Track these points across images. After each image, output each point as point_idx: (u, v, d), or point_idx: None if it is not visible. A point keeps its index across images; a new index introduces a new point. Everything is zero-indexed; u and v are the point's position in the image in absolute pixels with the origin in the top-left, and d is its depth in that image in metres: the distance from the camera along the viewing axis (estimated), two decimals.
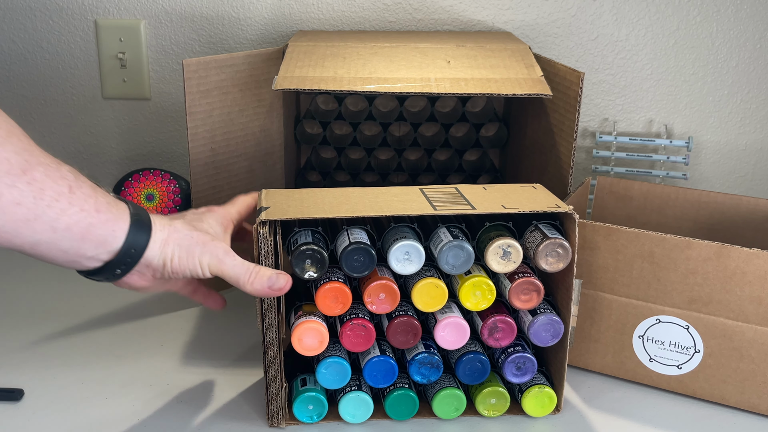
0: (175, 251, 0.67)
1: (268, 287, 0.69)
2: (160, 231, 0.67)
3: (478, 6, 1.18)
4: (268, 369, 0.73)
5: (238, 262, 0.69)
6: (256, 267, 0.69)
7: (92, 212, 0.61)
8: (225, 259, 0.68)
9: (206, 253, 0.68)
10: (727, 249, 0.74)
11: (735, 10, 1.18)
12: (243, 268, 0.68)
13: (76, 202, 0.60)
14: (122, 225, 0.64)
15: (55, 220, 0.59)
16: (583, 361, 0.86)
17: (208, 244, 0.68)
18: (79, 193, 0.61)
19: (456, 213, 0.71)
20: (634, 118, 1.24)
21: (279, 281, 0.69)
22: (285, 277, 0.69)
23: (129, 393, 0.80)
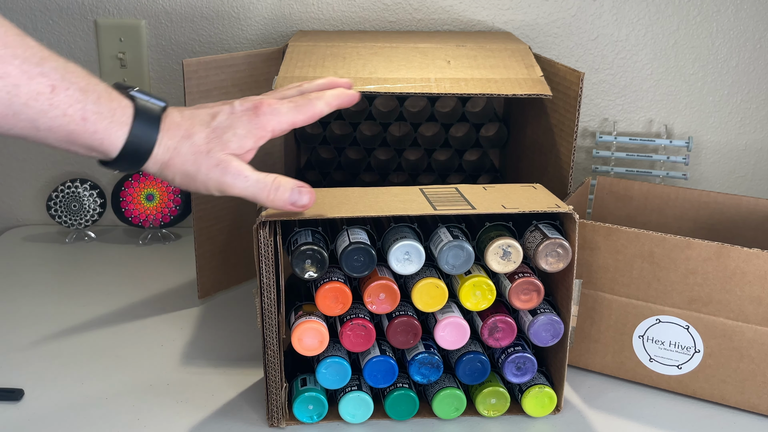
0: (175, 175, 0.63)
1: (291, 204, 0.65)
2: (162, 153, 0.62)
3: (478, 6, 1.18)
4: (268, 369, 0.73)
5: (251, 182, 0.63)
6: (275, 181, 0.64)
7: (78, 120, 0.57)
8: (235, 183, 0.63)
9: (212, 179, 0.63)
10: (727, 249, 0.74)
11: (735, 10, 1.18)
12: (258, 186, 0.63)
13: (59, 104, 0.56)
14: (113, 141, 0.59)
15: (35, 120, 0.56)
16: (583, 361, 0.86)
17: (212, 170, 0.62)
18: (63, 96, 0.56)
19: (456, 213, 0.71)
20: (634, 118, 1.24)
21: (302, 198, 0.65)
22: (308, 194, 0.65)
23: (129, 393, 0.80)
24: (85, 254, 1.16)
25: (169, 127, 0.63)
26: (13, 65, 0.54)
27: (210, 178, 0.63)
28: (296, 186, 0.65)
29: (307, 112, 0.66)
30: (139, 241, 1.21)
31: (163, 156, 0.62)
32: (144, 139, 0.61)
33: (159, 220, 1.20)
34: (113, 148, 0.60)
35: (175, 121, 0.63)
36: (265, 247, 0.69)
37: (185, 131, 0.63)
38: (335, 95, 0.68)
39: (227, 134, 0.63)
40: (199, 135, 0.63)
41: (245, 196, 0.64)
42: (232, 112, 0.65)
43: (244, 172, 0.63)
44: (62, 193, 1.20)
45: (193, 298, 1.02)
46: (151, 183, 1.20)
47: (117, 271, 1.11)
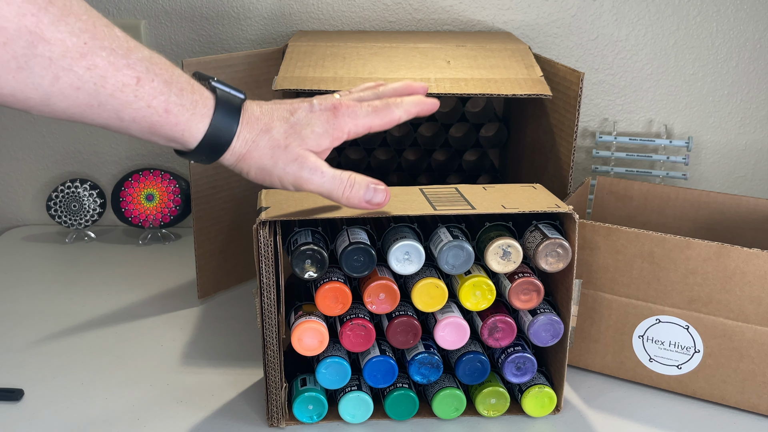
0: (251, 168, 0.63)
1: (366, 202, 0.65)
2: (241, 145, 0.62)
3: (478, 6, 1.18)
4: (268, 369, 0.73)
5: (327, 178, 0.64)
6: (350, 178, 0.64)
7: (161, 111, 0.58)
8: (312, 178, 0.63)
9: (288, 174, 0.63)
10: (727, 249, 0.74)
11: (735, 10, 1.18)
12: (335, 183, 0.64)
13: (143, 96, 0.57)
14: (193, 133, 0.60)
15: (120, 110, 0.56)
16: (583, 361, 0.86)
17: (290, 164, 0.63)
18: (148, 88, 0.57)
19: (456, 213, 0.71)
20: (634, 118, 1.24)
21: (377, 196, 0.65)
22: (383, 192, 0.65)
23: (129, 393, 0.80)
24: (85, 254, 1.16)
25: (249, 120, 0.63)
26: (100, 56, 0.54)
27: (287, 172, 0.63)
28: (372, 183, 0.65)
29: (384, 118, 0.67)
30: (139, 241, 1.21)
31: (241, 148, 0.63)
32: (224, 130, 0.62)
33: (159, 220, 1.20)
34: (193, 140, 0.61)
35: (254, 114, 0.64)
36: (265, 247, 0.69)
37: (264, 125, 0.63)
38: (414, 102, 0.68)
39: (305, 130, 0.64)
40: (278, 129, 0.63)
41: (320, 192, 0.65)
42: (311, 110, 0.65)
43: (321, 167, 0.64)
44: (62, 193, 1.20)
45: (193, 298, 1.02)
46: (151, 183, 1.20)
47: (117, 271, 1.11)
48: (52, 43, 0.52)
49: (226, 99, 0.62)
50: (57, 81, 0.53)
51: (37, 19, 0.51)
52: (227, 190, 1.01)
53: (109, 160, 1.26)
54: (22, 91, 0.53)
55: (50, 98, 0.54)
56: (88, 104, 0.55)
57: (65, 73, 0.53)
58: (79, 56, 0.53)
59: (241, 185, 1.03)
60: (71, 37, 0.53)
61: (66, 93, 0.54)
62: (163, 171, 1.21)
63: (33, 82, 0.52)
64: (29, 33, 0.51)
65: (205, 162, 0.63)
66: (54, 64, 0.52)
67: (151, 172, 1.21)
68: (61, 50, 0.52)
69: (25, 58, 0.51)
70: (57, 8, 0.52)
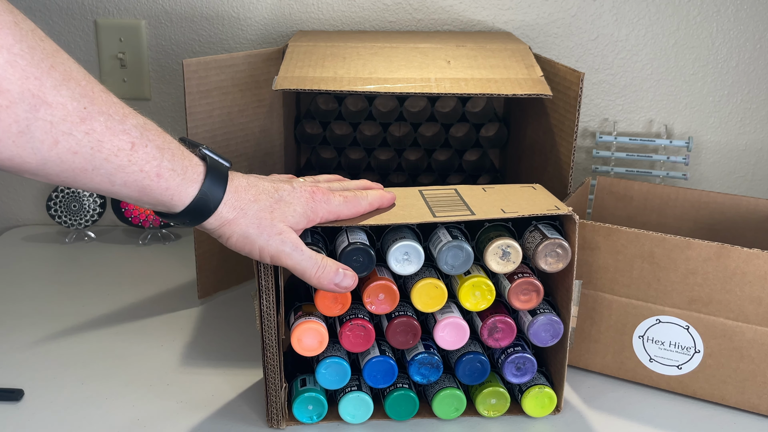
0: (233, 233, 0.65)
1: (335, 284, 0.68)
2: (228, 211, 0.64)
3: (478, 6, 1.18)
4: (268, 369, 0.73)
5: (305, 257, 0.66)
6: (323, 261, 0.67)
7: (152, 176, 0.59)
8: (292, 254, 0.66)
9: (271, 246, 0.65)
10: (727, 249, 0.74)
11: (735, 10, 1.18)
12: (310, 263, 0.67)
13: (137, 161, 0.58)
14: (182, 197, 0.62)
15: (112, 174, 0.57)
16: (583, 361, 0.85)
17: (274, 237, 0.65)
18: (142, 153, 0.58)
19: (455, 220, 0.71)
20: (634, 118, 1.24)
21: (346, 281, 0.68)
22: (352, 278, 0.68)
23: (129, 393, 0.80)
24: (85, 254, 1.16)
25: (236, 189, 0.65)
26: (99, 121, 0.55)
27: (270, 244, 0.65)
28: (341, 268, 0.68)
29: (352, 208, 0.70)
30: (139, 241, 1.21)
31: (228, 214, 0.65)
32: (212, 196, 0.63)
33: (159, 220, 1.20)
34: (181, 204, 0.62)
35: (241, 184, 0.66)
36: None
37: (253, 196, 0.66)
38: (378, 196, 0.72)
39: (288, 209, 0.67)
40: (265, 203, 0.66)
41: (295, 269, 0.67)
42: (293, 191, 0.68)
43: (301, 246, 0.67)
44: (62, 193, 1.20)
45: (193, 298, 1.02)
46: None
47: (117, 271, 1.11)
48: (53, 107, 0.53)
49: (215, 166, 0.64)
50: (56, 145, 0.54)
51: (40, 83, 0.52)
52: None
53: None
54: (20, 156, 0.53)
55: (47, 163, 0.54)
56: (83, 168, 0.56)
57: (64, 138, 0.54)
58: (79, 120, 0.54)
59: None
60: (72, 101, 0.54)
61: (63, 158, 0.54)
62: None
63: (33, 146, 0.53)
64: (32, 96, 0.51)
65: (188, 225, 0.65)
66: (54, 129, 0.53)
67: None
68: (62, 114, 0.53)
69: (26, 121, 0.52)
70: (59, 73, 0.53)
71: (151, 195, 0.60)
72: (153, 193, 0.60)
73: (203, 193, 0.63)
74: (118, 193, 0.60)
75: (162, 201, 0.61)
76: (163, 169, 0.60)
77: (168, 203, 0.62)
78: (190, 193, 0.62)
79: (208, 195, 0.63)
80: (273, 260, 0.67)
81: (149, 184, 0.59)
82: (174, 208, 0.63)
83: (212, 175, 0.63)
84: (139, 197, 0.60)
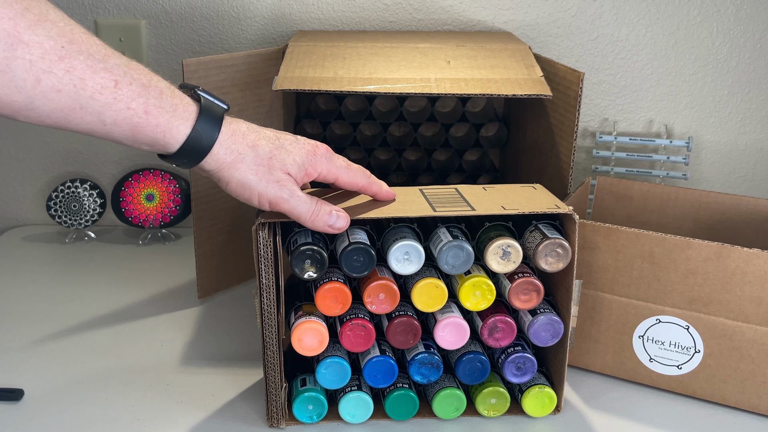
0: (232, 178, 0.66)
1: (329, 225, 0.69)
2: (225, 154, 0.65)
3: (478, 6, 1.18)
4: (268, 369, 0.73)
5: (301, 201, 0.67)
6: (317, 205, 0.68)
7: (140, 113, 0.60)
8: (290, 200, 0.67)
9: (269, 192, 0.66)
10: (727, 249, 0.74)
11: (735, 10, 1.18)
12: (306, 206, 0.68)
13: (122, 98, 0.59)
14: (174, 135, 0.62)
15: (101, 113, 0.59)
16: (583, 361, 0.86)
17: (272, 184, 0.66)
18: (126, 90, 0.59)
19: (455, 214, 0.71)
20: (634, 118, 1.24)
21: (339, 222, 0.69)
22: (345, 219, 0.69)
23: (129, 393, 0.80)
24: (85, 254, 1.16)
25: (234, 132, 0.66)
26: (78, 60, 0.57)
27: (268, 190, 0.67)
28: (334, 210, 0.69)
29: (352, 176, 0.72)
30: (139, 241, 1.21)
31: (225, 157, 0.65)
32: (205, 136, 0.64)
33: (159, 220, 1.20)
34: (175, 142, 0.63)
35: (240, 129, 0.67)
36: (265, 247, 0.69)
37: (252, 141, 0.67)
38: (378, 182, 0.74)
39: (288, 157, 0.68)
40: (264, 149, 0.67)
41: (292, 214, 0.68)
42: (296, 141, 0.69)
43: (297, 192, 0.68)
44: (62, 193, 1.20)
45: (193, 298, 1.02)
46: (151, 183, 1.20)
47: (117, 271, 1.11)
48: (30, 45, 0.55)
49: (208, 106, 0.65)
50: (38, 83, 0.56)
51: (15, 23, 0.54)
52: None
53: (109, 160, 1.26)
54: (6, 94, 0.55)
55: (34, 101, 0.56)
56: (71, 107, 0.58)
57: (46, 76, 0.56)
58: (58, 59, 0.56)
59: None
60: (48, 40, 0.55)
61: (48, 96, 0.56)
62: (163, 171, 1.21)
63: (16, 85, 0.55)
64: (8, 35, 0.54)
65: (186, 166, 0.65)
66: (34, 67, 0.55)
67: (151, 172, 1.21)
68: (39, 53, 0.55)
69: (6, 60, 0.54)
70: (33, 14, 0.55)
71: (143, 133, 0.61)
72: (144, 131, 0.61)
73: (196, 131, 0.63)
74: (113, 135, 0.61)
75: (155, 139, 0.62)
76: (150, 106, 0.60)
77: (162, 142, 0.62)
78: (182, 131, 0.62)
79: (201, 134, 0.63)
80: (271, 206, 0.67)
81: (138, 121, 0.60)
82: (169, 147, 0.63)
83: (206, 115, 0.64)
84: (133, 137, 0.61)
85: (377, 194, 0.73)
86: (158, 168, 1.23)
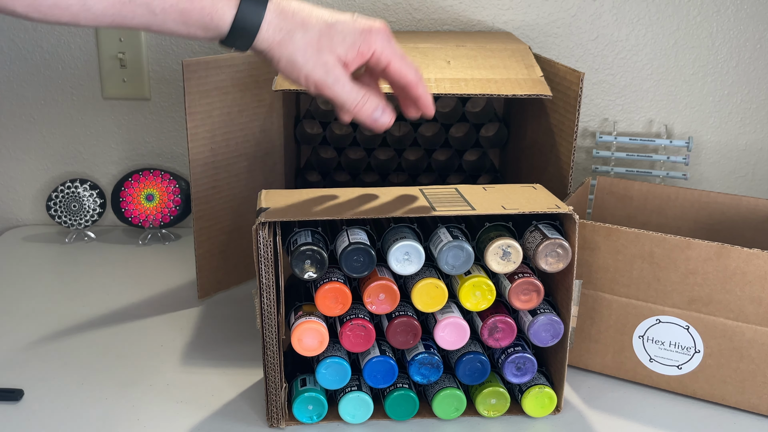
0: (282, 56, 0.66)
1: (372, 120, 0.68)
2: (273, 32, 0.65)
3: (478, 6, 1.18)
4: (268, 369, 0.73)
5: (347, 89, 0.66)
6: (365, 95, 0.67)
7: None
8: (334, 86, 0.66)
9: (315, 75, 0.65)
10: (727, 249, 0.74)
11: (735, 10, 1.18)
12: (351, 95, 0.67)
13: None
14: (222, 16, 0.63)
15: (149, 3, 0.61)
16: (583, 361, 0.86)
17: (319, 67, 0.65)
18: None
19: (455, 214, 0.71)
20: (634, 118, 1.24)
21: (384, 117, 0.69)
22: (390, 115, 0.69)
23: (129, 393, 0.80)
24: (85, 254, 1.16)
25: (283, 10, 0.65)
26: None
27: (314, 73, 0.65)
28: (381, 105, 0.69)
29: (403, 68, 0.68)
30: (139, 241, 1.21)
31: (274, 35, 0.65)
32: (250, 15, 0.64)
33: (159, 220, 1.20)
34: (223, 24, 0.63)
35: (291, 7, 0.66)
36: (265, 247, 0.69)
37: (302, 20, 0.65)
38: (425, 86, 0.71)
39: (338, 37, 0.66)
40: (314, 29, 0.65)
41: (336, 100, 0.67)
42: (351, 19, 0.67)
43: (344, 79, 0.66)
44: (62, 193, 1.20)
45: (193, 298, 1.02)
46: (151, 183, 1.20)
47: (117, 271, 1.11)
48: None
49: None
50: None
51: None
52: (227, 191, 1.01)
53: (109, 160, 1.26)
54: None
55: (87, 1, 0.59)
56: (121, 1, 0.60)
57: None
58: None
59: (242, 185, 1.03)
60: None
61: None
62: (163, 171, 1.21)
63: None
64: None
65: (241, 49, 0.66)
66: None
67: (151, 172, 1.21)
68: None
69: None
70: None
71: (192, 18, 0.62)
72: (192, 15, 0.62)
73: (241, 11, 0.63)
74: (166, 24, 0.62)
75: (205, 24, 0.63)
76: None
77: (211, 26, 0.63)
78: (227, 12, 0.63)
79: (246, 14, 0.64)
80: (317, 89, 0.67)
81: (185, 6, 0.62)
82: (220, 30, 0.64)
83: None
84: (185, 24, 0.63)
85: (420, 98, 0.71)
86: (158, 168, 1.23)
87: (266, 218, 0.69)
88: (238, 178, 1.02)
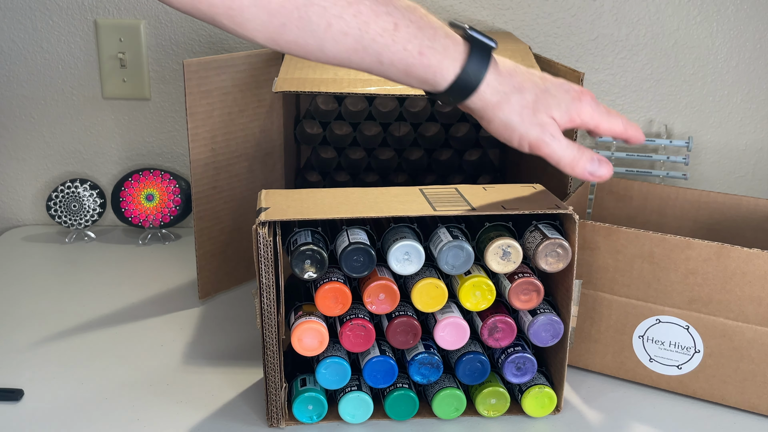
0: (495, 118, 0.67)
1: (589, 173, 0.70)
2: (491, 94, 0.66)
3: (478, 6, 1.18)
4: (268, 369, 0.73)
5: (563, 145, 0.68)
6: (579, 149, 0.69)
7: (415, 54, 0.63)
8: (551, 144, 0.68)
9: (531, 135, 0.67)
10: (727, 249, 0.74)
11: (735, 10, 1.18)
12: (567, 152, 0.68)
13: (399, 40, 0.63)
14: (444, 75, 0.65)
15: (380, 54, 0.63)
16: (583, 361, 0.86)
17: (535, 127, 0.67)
18: (404, 32, 0.63)
19: (455, 214, 0.71)
20: (634, 118, 1.24)
21: (601, 169, 0.70)
22: (607, 167, 0.70)
23: (129, 393, 0.80)
24: (85, 254, 1.16)
25: (501, 73, 0.67)
26: (364, 5, 0.62)
27: (530, 133, 0.67)
28: (595, 156, 0.70)
29: (611, 124, 0.71)
30: (139, 241, 1.21)
31: (491, 97, 0.67)
32: (473, 76, 0.66)
33: (159, 220, 1.20)
34: (443, 81, 0.65)
35: (508, 69, 0.68)
36: (265, 247, 0.69)
37: (518, 84, 0.67)
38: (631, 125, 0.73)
39: (553, 101, 0.68)
40: (530, 93, 0.67)
41: (552, 158, 0.69)
42: (562, 86, 0.70)
43: (560, 136, 0.68)
44: (62, 193, 1.20)
45: (193, 298, 1.02)
46: (151, 183, 1.20)
47: (117, 271, 1.11)
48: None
49: (479, 46, 0.66)
50: (330, 28, 0.61)
51: None
52: (228, 191, 1.01)
53: (109, 160, 1.26)
54: (303, 38, 0.62)
55: (324, 44, 0.62)
56: (354, 49, 0.63)
57: (336, 20, 0.61)
58: (347, 4, 0.61)
59: (242, 186, 1.03)
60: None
61: (336, 39, 0.62)
62: (163, 171, 1.21)
63: (311, 29, 0.61)
64: None
65: (452, 104, 0.67)
66: (327, 12, 0.61)
67: (151, 172, 1.21)
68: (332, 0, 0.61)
69: (305, 8, 0.60)
70: None
71: (415, 73, 0.65)
72: (417, 71, 0.64)
73: (465, 72, 0.65)
74: (387, 74, 0.65)
75: (425, 79, 0.65)
76: (424, 48, 0.64)
77: (431, 81, 0.65)
78: (451, 71, 0.65)
79: (469, 74, 0.65)
80: (531, 149, 0.68)
81: (412, 62, 0.64)
82: (438, 86, 0.66)
83: (475, 56, 0.66)
84: (406, 76, 0.65)
85: (629, 139, 0.72)
86: (158, 168, 1.23)
87: (266, 218, 0.69)
88: (239, 178, 1.02)
